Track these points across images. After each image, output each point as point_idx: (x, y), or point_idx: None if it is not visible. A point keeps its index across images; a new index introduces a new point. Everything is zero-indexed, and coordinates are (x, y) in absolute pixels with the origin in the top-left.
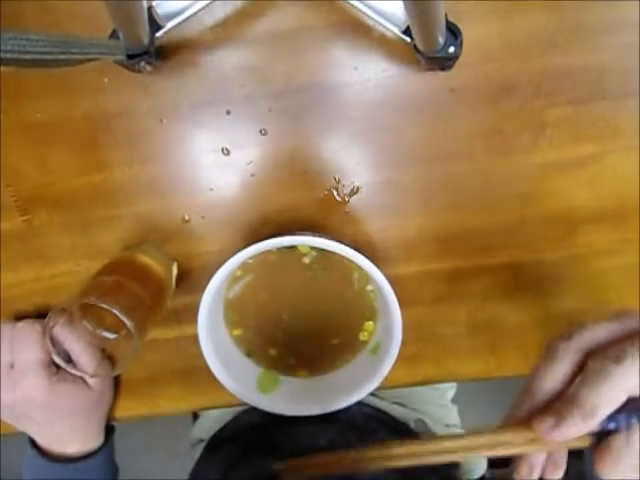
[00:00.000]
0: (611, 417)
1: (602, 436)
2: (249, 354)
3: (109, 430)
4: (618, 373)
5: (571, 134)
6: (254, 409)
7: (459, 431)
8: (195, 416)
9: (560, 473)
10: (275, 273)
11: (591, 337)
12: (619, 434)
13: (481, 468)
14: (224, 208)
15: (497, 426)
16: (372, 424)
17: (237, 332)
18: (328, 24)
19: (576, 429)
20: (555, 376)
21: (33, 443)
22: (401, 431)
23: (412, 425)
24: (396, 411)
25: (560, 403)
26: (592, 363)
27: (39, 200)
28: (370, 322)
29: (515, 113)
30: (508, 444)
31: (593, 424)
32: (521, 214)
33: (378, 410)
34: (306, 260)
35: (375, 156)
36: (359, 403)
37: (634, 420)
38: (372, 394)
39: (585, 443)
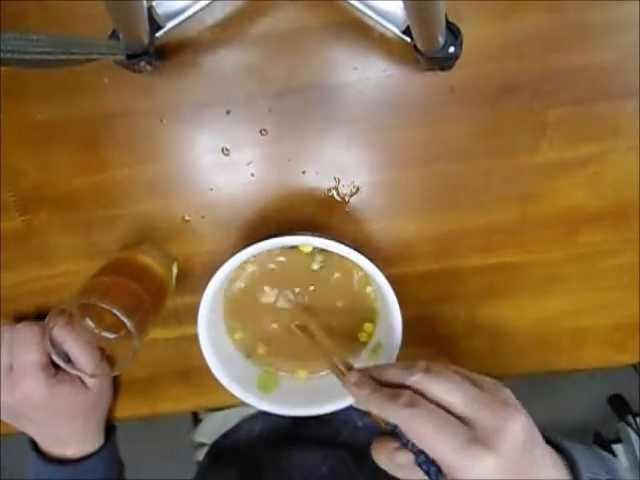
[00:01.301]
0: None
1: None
2: (249, 354)
3: (110, 430)
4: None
5: (571, 134)
6: (255, 417)
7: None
8: (195, 418)
9: None
10: (275, 273)
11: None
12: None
13: None
14: (224, 208)
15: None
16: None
17: (237, 335)
18: (328, 24)
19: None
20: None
21: (34, 445)
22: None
23: None
24: None
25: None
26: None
27: (39, 200)
28: (369, 323)
29: (515, 113)
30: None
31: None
32: (521, 214)
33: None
34: (315, 266)
35: (375, 156)
36: (359, 410)
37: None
38: None
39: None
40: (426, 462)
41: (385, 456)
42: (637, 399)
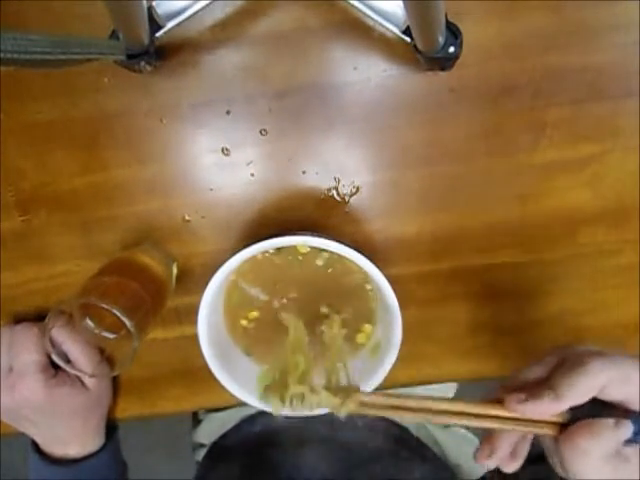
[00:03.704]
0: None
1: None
2: (249, 353)
3: (112, 430)
4: (593, 366)
5: (571, 134)
6: (255, 418)
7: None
8: (195, 419)
9: (516, 466)
10: (275, 273)
11: (574, 347)
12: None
13: (481, 469)
14: (224, 208)
15: (477, 400)
16: (375, 440)
17: (242, 322)
18: (328, 24)
19: (545, 407)
20: (536, 370)
21: (35, 446)
22: (403, 441)
23: (413, 431)
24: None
25: (536, 386)
26: (572, 357)
27: (39, 200)
28: (368, 325)
29: (515, 113)
30: (481, 417)
31: (561, 407)
32: (521, 214)
33: (380, 419)
34: (319, 262)
35: (375, 156)
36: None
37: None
38: None
39: (551, 431)
40: None
41: (602, 434)
42: None
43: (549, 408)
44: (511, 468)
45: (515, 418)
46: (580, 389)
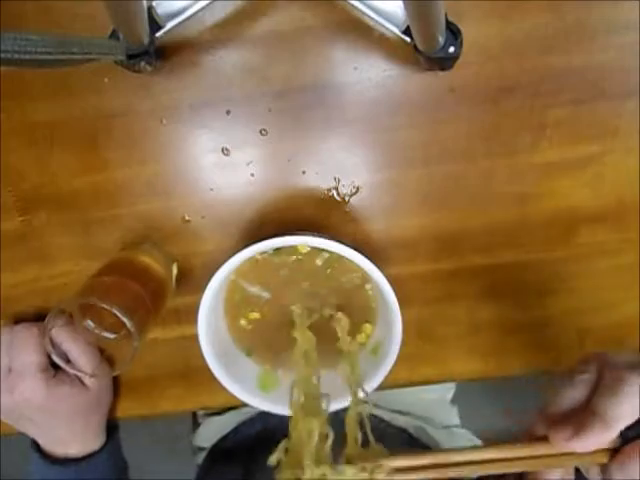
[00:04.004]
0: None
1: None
2: (249, 353)
3: (112, 429)
4: (633, 382)
5: (571, 134)
6: (253, 420)
7: (478, 444)
8: (195, 421)
9: None
10: (275, 273)
11: (607, 358)
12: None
13: None
14: (224, 208)
15: (515, 441)
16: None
17: (242, 322)
18: (328, 24)
19: (596, 439)
20: (573, 393)
21: (36, 446)
22: (402, 442)
23: (412, 431)
24: (396, 419)
25: (579, 414)
26: (608, 373)
27: (39, 200)
28: (368, 324)
29: (515, 113)
30: (526, 459)
31: (613, 434)
32: (521, 214)
33: (380, 420)
34: (319, 262)
35: (375, 156)
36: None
37: None
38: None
39: (603, 459)
40: None
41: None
42: None
43: (600, 438)
44: None
45: (564, 453)
46: (627, 410)
